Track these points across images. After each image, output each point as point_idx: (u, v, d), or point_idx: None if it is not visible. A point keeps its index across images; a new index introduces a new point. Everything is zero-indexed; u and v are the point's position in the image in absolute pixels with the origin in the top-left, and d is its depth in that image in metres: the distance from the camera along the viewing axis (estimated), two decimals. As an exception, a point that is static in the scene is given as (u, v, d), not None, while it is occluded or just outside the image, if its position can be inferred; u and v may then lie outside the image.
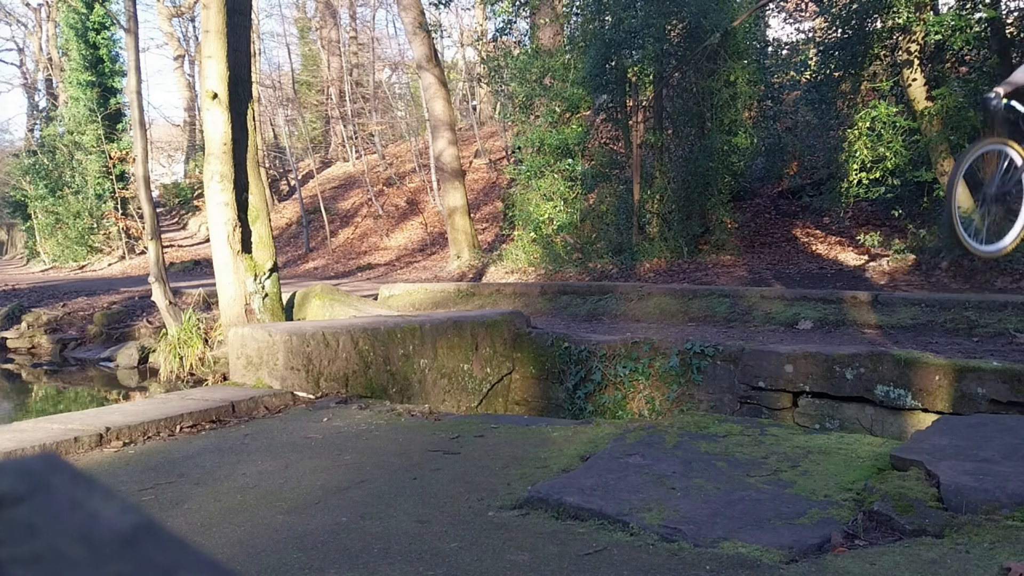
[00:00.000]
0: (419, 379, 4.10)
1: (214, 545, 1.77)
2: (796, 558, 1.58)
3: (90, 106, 18.00)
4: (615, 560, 1.59)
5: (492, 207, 15.98)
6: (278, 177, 24.25)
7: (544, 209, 10.07)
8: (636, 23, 8.67)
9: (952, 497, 1.76)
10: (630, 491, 1.97)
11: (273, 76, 26.15)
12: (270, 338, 3.49)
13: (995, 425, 2.29)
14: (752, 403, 4.01)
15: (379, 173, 20.72)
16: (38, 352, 8.90)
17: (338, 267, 15.44)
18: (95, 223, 18.68)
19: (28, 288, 12.13)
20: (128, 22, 7.57)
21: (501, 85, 11.76)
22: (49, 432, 2.63)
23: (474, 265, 11.34)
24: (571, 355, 4.70)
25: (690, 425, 2.56)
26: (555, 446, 2.52)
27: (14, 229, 26.32)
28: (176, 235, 22.41)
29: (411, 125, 21.72)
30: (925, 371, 3.49)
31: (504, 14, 11.71)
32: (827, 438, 2.41)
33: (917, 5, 6.71)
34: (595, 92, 9.88)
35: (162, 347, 6.81)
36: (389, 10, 31.26)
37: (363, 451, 2.55)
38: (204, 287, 9.18)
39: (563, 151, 10.02)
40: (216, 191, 5.62)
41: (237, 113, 5.76)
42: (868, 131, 7.15)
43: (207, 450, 2.61)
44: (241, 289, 5.71)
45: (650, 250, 8.92)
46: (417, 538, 1.76)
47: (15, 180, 20.82)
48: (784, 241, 9.17)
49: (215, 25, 5.56)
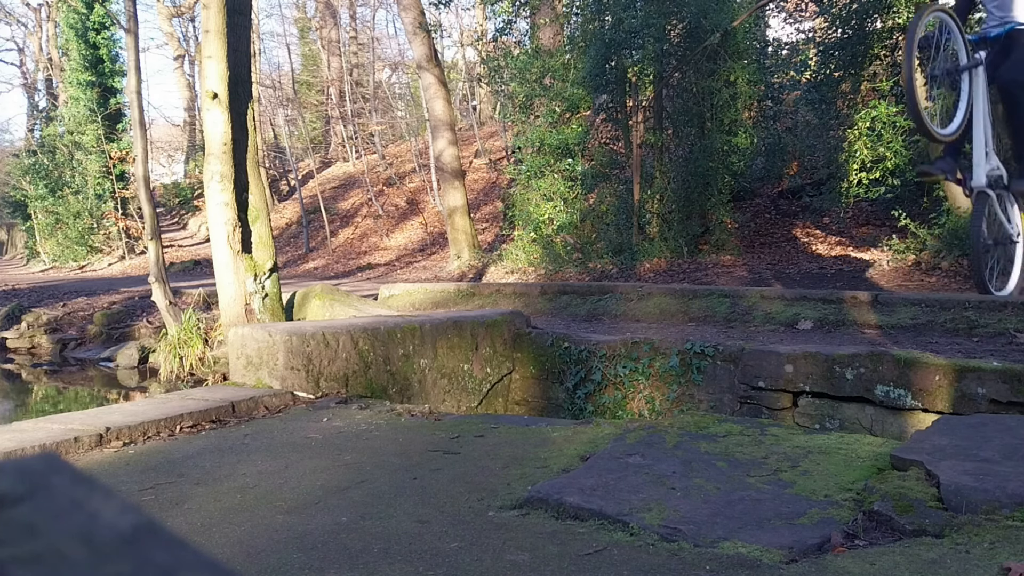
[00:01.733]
0: (419, 379, 4.10)
1: (214, 545, 1.77)
2: (796, 558, 1.58)
3: (90, 106, 18.00)
4: (615, 560, 1.59)
5: (492, 207, 15.98)
6: (278, 177, 24.25)
7: (544, 209, 10.07)
8: (636, 23, 8.67)
9: (952, 497, 1.76)
10: (630, 491, 1.97)
11: (273, 76, 26.16)
12: (270, 338, 3.49)
13: (995, 425, 2.29)
14: (752, 403, 4.01)
15: (379, 173, 20.72)
16: (38, 352, 8.90)
17: (338, 267, 15.44)
18: (95, 223, 18.69)
19: (28, 288, 12.14)
20: (128, 22, 7.57)
21: (501, 85, 11.76)
22: (49, 432, 2.63)
23: (474, 265, 11.34)
24: (571, 355, 4.70)
25: (690, 425, 2.56)
26: (555, 446, 2.52)
27: (14, 229, 26.33)
28: (176, 235, 22.41)
29: (411, 125, 21.72)
30: (925, 371, 3.49)
31: (504, 14, 11.71)
32: (827, 438, 2.41)
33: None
34: (595, 92, 9.89)
35: (162, 347, 6.81)
36: (389, 10, 31.27)
37: (363, 451, 2.55)
38: (204, 287, 9.18)
39: (563, 151, 10.03)
40: (216, 191, 5.62)
41: (237, 113, 5.76)
42: (868, 131, 7.15)
43: (207, 450, 2.61)
44: (241, 289, 5.71)
45: (650, 250, 8.92)
46: (417, 538, 1.76)
47: (15, 180, 20.83)
48: (784, 241, 9.17)
49: (215, 25, 5.56)
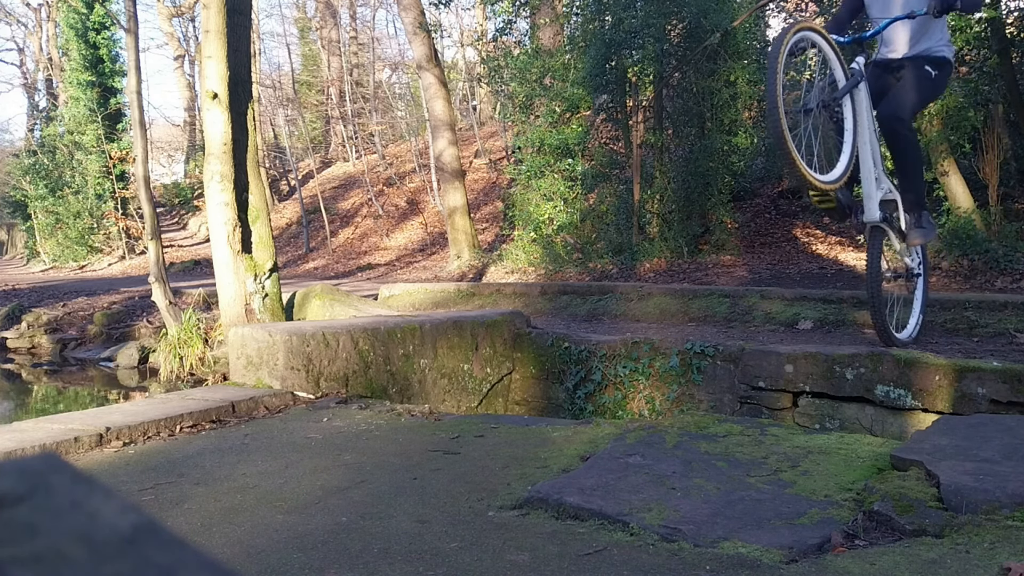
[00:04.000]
0: (419, 379, 4.10)
1: (214, 545, 1.77)
2: (796, 558, 1.58)
3: (90, 106, 17.99)
4: (615, 560, 1.59)
5: (492, 207, 15.98)
6: (278, 177, 24.24)
7: (544, 209, 10.07)
8: (636, 23, 8.67)
9: (952, 497, 1.76)
10: (630, 491, 1.97)
11: (273, 76, 26.16)
12: (270, 338, 3.49)
13: (995, 425, 2.29)
14: (752, 403, 4.01)
15: (379, 173, 20.72)
16: (38, 352, 8.90)
17: (338, 267, 15.44)
18: (95, 223, 18.68)
19: (28, 288, 12.13)
20: (128, 22, 7.57)
21: (501, 85, 11.75)
22: (49, 432, 2.63)
23: (474, 265, 11.34)
24: (571, 355, 4.70)
25: (690, 425, 2.56)
26: (555, 446, 2.52)
27: (14, 229, 26.33)
28: (176, 235, 22.41)
29: (411, 125, 21.72)
30: (925, 371, 3.49)
31: (504, 14, 11.71)
32: (827, 438, 2.41)
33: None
34: (595, 92, 9.88)
35: (162, 347, 6.80)
36: (389, 10, 31.27)
37: (363, 451, 2.55)
38: (204, 287, 9.18)
39: (563, 151, 10.02)
40: (216, 191, 5.62)
41: (237, 113, 5.76)
42: (868, 131, 7.14)
43: (207, 450, 2.61)
44: (241, 289, 5.71)
45: (650, 250, 8.92)
46: (417, 538, 1.76)
47: (15, 180, 20.82)
48: (784, 241, 9.17)
49: (215, 25, 5.56)
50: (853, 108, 3.49)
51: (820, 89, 3.38)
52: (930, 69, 3.61)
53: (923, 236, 3.76)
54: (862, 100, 3.51)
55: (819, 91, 3.37)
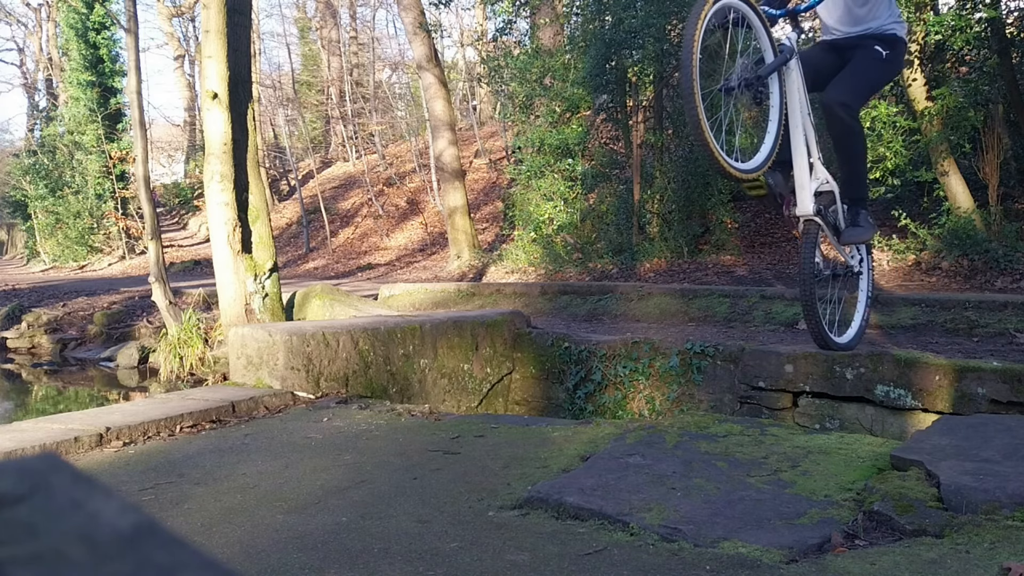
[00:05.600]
0: (419, 379, 4.10)
1: (214, 545, 1.77)
2: (796, 558, 1.58)
3: (90, 106, 18.00)
4: (615, 560, 1.59)
5: (492, 207, 15.98)
6: (278, 177, 24.24)
7: (544, 209, 10.07)
8: (636, 23, 8.66)
9: (952, 497, 1.76)
10: (630, 491, 1.97)
11: (273, 76, 26.16)
12: (270, 338, 3.49)
13: (995, 425, 2.29)
14: (752, 403, 4.01)
15: (379, 173, 20.72)
16: (38, 352, 8.90)
17: (338, 267, 15.44)
18: (95, 223, 18.69)
19: (28, 288, 12.13)
20: (128, 22, 7.57)
21: (501, 85, 11.75)
22: (49, 432, 2.63)
23: (474, 265, 11.34)
24: (571, 355, 4.70)
25: (690, 425, 2.56)
26: (555, 446, 2.52)
27: (14, 229, 26.32)
28: (176, 235, 22.41)
29: (411, 125, 21.71)
30: (925, 371, 3.49)
31: (504, 14, 11.70)
32: (827, 438, 2.41)
33: (917, 5, 6.71)
34: (595, 92, 9.88)
35: (162, 347, 6.80)
36: (389, 10, 31.26)
37: (363, 451, 2.55)
38: (204, 287, 9.18)
39: (563, 151, 10.03)
40: (216, 191, 5.62)
41: (237, 113, 5.76)
42: (868, 131, 7.15)
43: (207, 450, 2.61)
44: (241, 289, 5.71)
45: (650, 250, 8.92)
46: (417, 538, 1.76)
47: (15, 180, 20.83)
48: (784, 241, 9.17)
49: (215, 25, 5.56)
50: (781, 88, 3.14)
51: (743, 66, 3.00)
52: (880, 49, 3.28)
53: (858, 236, 3.44)
54: (793, 80, 3.18)
55: (742, 68, 2.99)
